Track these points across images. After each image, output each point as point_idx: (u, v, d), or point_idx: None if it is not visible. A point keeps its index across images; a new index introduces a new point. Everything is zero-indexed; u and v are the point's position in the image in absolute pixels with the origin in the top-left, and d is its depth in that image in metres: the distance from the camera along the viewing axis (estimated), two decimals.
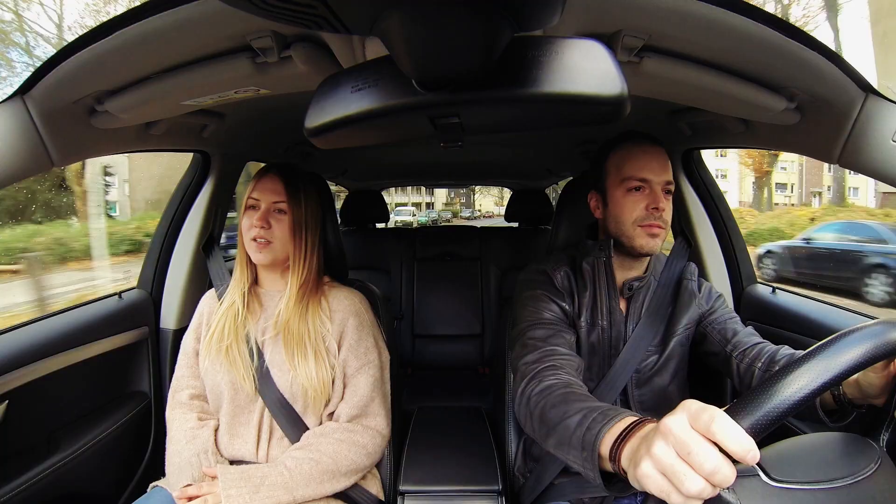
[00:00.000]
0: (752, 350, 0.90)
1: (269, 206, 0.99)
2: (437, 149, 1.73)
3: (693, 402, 0.45)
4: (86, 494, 1.13)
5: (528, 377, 0.83)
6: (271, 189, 0.99)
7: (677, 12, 0.60)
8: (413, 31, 0.39)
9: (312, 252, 1.02)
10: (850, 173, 8.58)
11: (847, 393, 0.64)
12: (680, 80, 0.75)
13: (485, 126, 0.59)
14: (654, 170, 0.91)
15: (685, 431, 0.43)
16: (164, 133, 1.05)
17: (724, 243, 1.37)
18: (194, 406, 1.04)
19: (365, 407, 1.00)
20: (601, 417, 0.60)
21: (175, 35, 0.65)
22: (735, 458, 0.41)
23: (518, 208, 2.65)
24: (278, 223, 0.98)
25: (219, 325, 1.01)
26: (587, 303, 0.98)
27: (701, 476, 0.41)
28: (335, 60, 0.71)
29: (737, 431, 0.41)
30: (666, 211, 0.92)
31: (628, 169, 0.92)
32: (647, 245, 0.92)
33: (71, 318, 1.16)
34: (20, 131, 0.74)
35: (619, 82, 0.44)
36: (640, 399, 0.98)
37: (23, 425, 0.99)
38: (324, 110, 0.51)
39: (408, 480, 1.13)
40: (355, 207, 2.55)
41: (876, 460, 0.51)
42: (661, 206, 0.91)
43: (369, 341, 1.04)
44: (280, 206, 0.99)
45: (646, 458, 0.45)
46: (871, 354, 0.46)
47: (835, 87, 0.71)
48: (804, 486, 0.48)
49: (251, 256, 1.00)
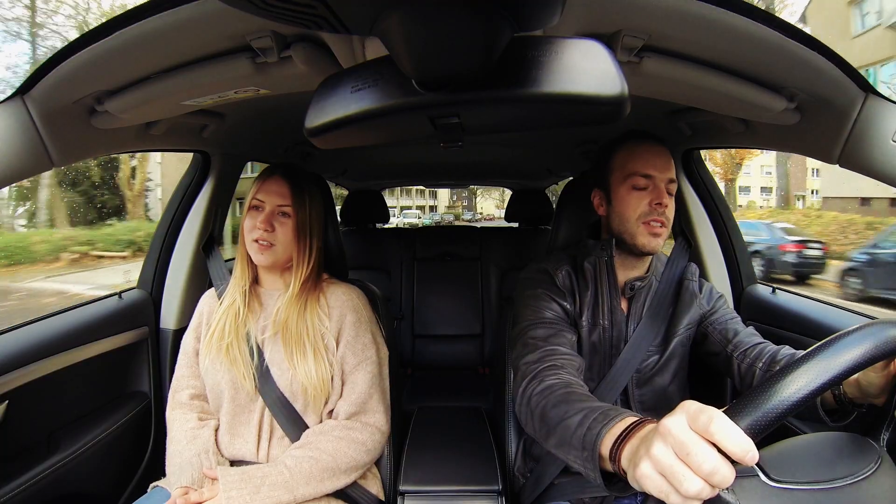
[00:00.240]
0: (752, 350, 0.90)
1: (273, 208, 0.98)
2: (437, 149, 1.73)
3: (692, 403, 0.45)
4: (86, 494, 1.13)
5: (529, 377, 0.83)
6: (276, 192, 0.98)
7: (677, 12, 0.60)
8: (413, 31, 0.38)
9: (314, 253, 1.02)
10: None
11: (847, 392, 0.64)
12: (680, 80, 0.75)
13: (485, 126, 0.59)
14: (658, 166, 0.92)
15: (684, 432, 0.43)
16: (164, 133, 1.05)
17: (724, 243, 1.38)
18: (194, 406, 1.04)
19: (363, 404, 1.00)
20: (602, 417, 0.60)
21: (175, 35, 0.65)
22: (734, 458, 0.41)
23: (518, 208, 2.64)
24: (282, 226, 0.98)
25: (219, 324, 1.01)
26: (588, 302, 0.98)
27: (700, 477, 0.41)
28: (335, 60, 0.70)
29: (735, 432, 0.41)
30: (669, 208, 0.93)
31: (633, 165, 0.93)
32: (649, 244, 0.92)
33: (71, 318, 1.16)
34: (20, 131, 0.74)
35: (619, 82, 0.44)
36: (640, 399, 0.98)
37: (23, 425, 0.99)
38: (324, 110, 0.51)
39: (408, 480, 1.13)
40: (355, 207, 2.54)
41: (876, 460, 0.50)
42: (665, 203, 0.92)
43: (367, 337, 1.04)
44: (285, 210, 0.99)
45: (645, 458, 0.46)
46: (871, 355, 0.46)
47: (835, 87, 0.71)
48: (804, 487, 0.48)
49: (252, 257, 1.00)
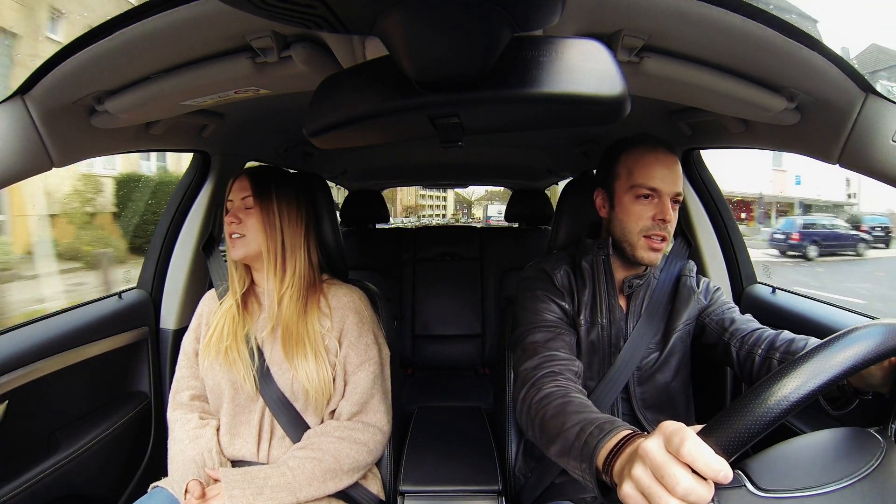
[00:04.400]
0: (750, 337, 0.90)
1: (238, 203, 1.02)
2: (436, 149, 1.73)
3: (669, 424, 0.46)
4: (86, 495, 1.12)
5: (528, 384, 0.84)
6: (240, 188, 1.03)
7: (677, 12, 0.60)
8: (413, 31, 0.38)
9: (294, 252, 1.02)
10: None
11: (850, 381, 0.62)
12: (680, 80, 0.74)
13: (485, 126, 0.59)
14: (666, 179, 0.90)
15: (659, 454, 0.45)
16: (164, 133, 1.05)
17: (724, 243, 1.38)
18: (195, 407, 1.04)
19: (365, 404, 1.00)
20: (597, 431, 0.61)
21: (175, 35, 0.65)
22: (706, 478, 0.42)
23: (518, 208, 2.64)
24: (248, 217, 1.01)
25: (218, 325, 1.01)
26: (587, 301, 0.98)
27: (676, 497, 0.43)
28: (335, 60, 0.70)
29: (706, 453, 0.42)
30: (671, 222, 0.92)
31: (639, 176, 0.91)
32: (648, 258, 0.93)
33: (71, 318, 1.16)
34: (20, 131, 0.74)
35: (619, 82, 0.44)
36: (642, 397, 0.98)
37: (23, 425, 0.99)
38: (323, 110, 0.51)
39: (408, 480, 1.13)
40: (355, 207, 2.54)
41: (879, 454, 0.48)
42: (669, 218, 0.91)
43: (369, 337, 1.04)
44: (247, 202, 1.02)
45: (627, 479, 0.48)
46: (853, 363, 0.44)
47: (835, 87, 0.71)
48: (795, 494, 0.45)
49: (230, 254, 1.03)
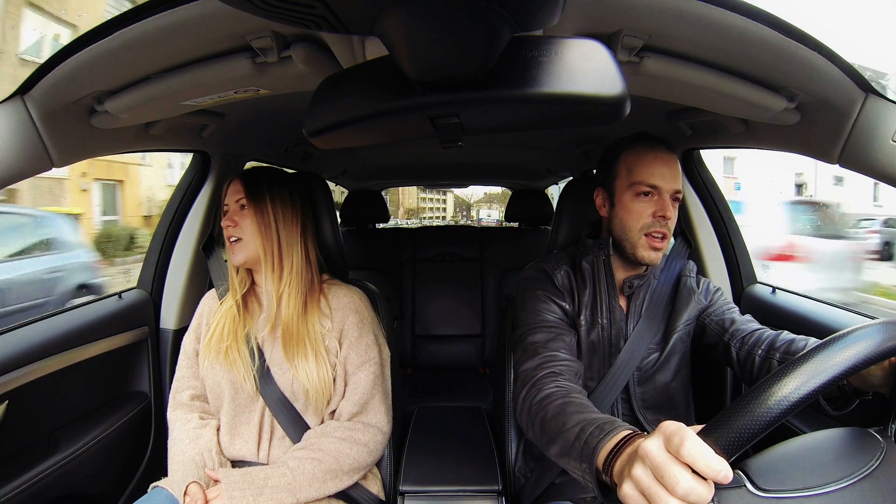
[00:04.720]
0: (750, 337, 0.90)
1: (234, 206, 1.02)
2: (436, 149, 1.73)
3: (669, 424, 0.46)
4: (86, 495, 1.12)
5: (529, 385, 0.84)
6: (234, 191, 1.03)
7: (677, 12, 0.60)
8: (413, 31, 0.38)
9: (291, 250, 1.02)
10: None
11: (850, 381, 0.63)
12: (680, 80, 0.74)
13: (484, 126, 0.59)
14: (665, 177, 0.91)
15: (659, 455, 0.45)
16: (164, 133, 1.05)
17: (724, 243, 1.38)
18: (195, 407, 1.04)
19: (365, 404, 1.00)
20: (597, 432, 0.61)
21: (175, 35, 0.65)
22: (706, 478, 0.42)
23: (518, 208, 2.64)
24: (243, 219, 1.01)
25: (218, 325, 1.01)
26: (587, 301, 0.98)
27: (676, 498, 0.43)
28: (335, 60, 0.70)
29: (706, 453, 0.42)
30: (672, 219, 0.92)
31: (639, 174, 0.92)
32: (649, 257, 0.93)
33: (71, 318, 1.15)
34: (20, 131, 0.74)
35: (619, 82, 0.44)
36: (642, 397, 0.98)
37: (23, 425, 0.99)
38: (324, 110, 0.51)
39: (408, 480, 1.13)
40: (355, 207, 2.54)
41: (879, 454, 0.48)
42: (669, 215, 0.91)
43: (370, 338, 1.04)
44: (241, 203, 1.02)
45: (627, 479, 0.48)
46: (853, 363, 0.44)
47: (835, 87, 0.71)
48: (795, 494, 0.45)
49: (230, 260, 1.03)
